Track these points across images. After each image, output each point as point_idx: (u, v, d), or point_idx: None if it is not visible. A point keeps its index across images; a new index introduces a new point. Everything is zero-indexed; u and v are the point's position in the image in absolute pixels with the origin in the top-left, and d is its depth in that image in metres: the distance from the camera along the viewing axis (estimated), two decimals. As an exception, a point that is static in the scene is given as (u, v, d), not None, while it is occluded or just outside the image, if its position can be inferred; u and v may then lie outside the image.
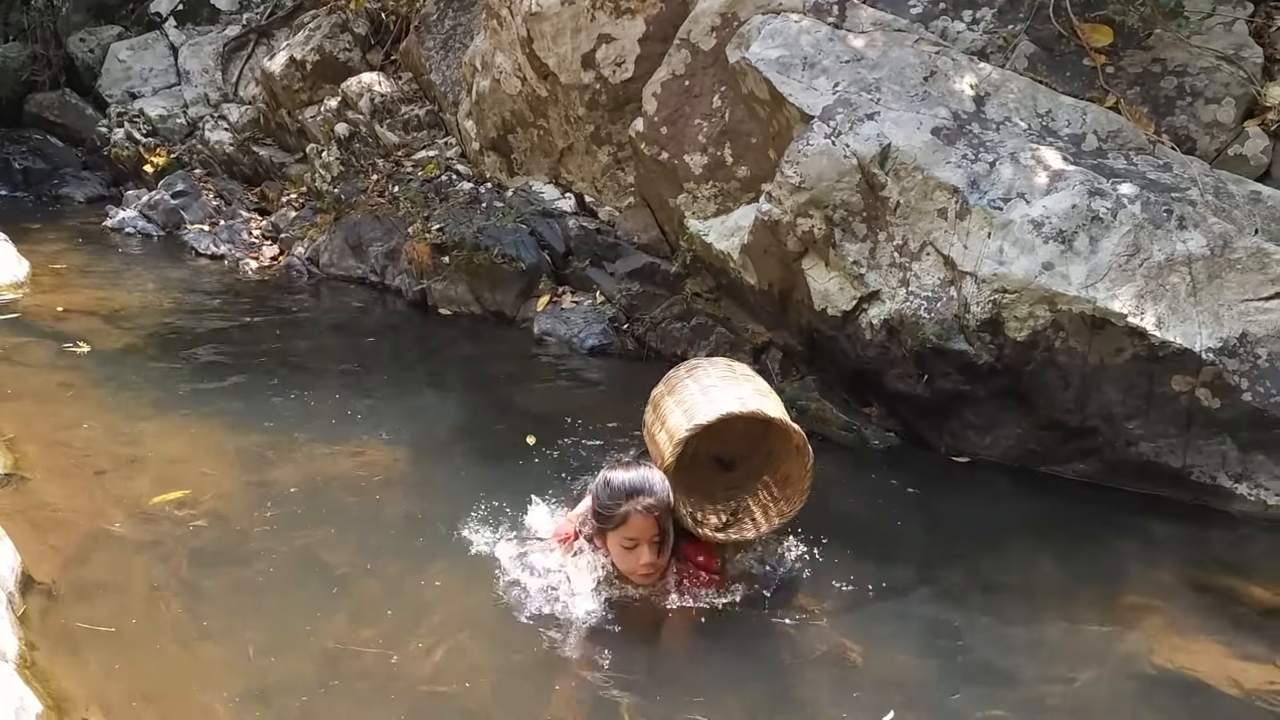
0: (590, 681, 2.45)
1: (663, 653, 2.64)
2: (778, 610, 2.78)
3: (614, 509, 2.60)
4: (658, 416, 2.92)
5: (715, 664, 2.56)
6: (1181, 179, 3.74)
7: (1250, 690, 2.49)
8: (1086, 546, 3.26)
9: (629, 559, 2.65)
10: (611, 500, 2.61)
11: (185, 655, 2.46)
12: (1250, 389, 3.30)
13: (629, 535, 2.62)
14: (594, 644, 2.57)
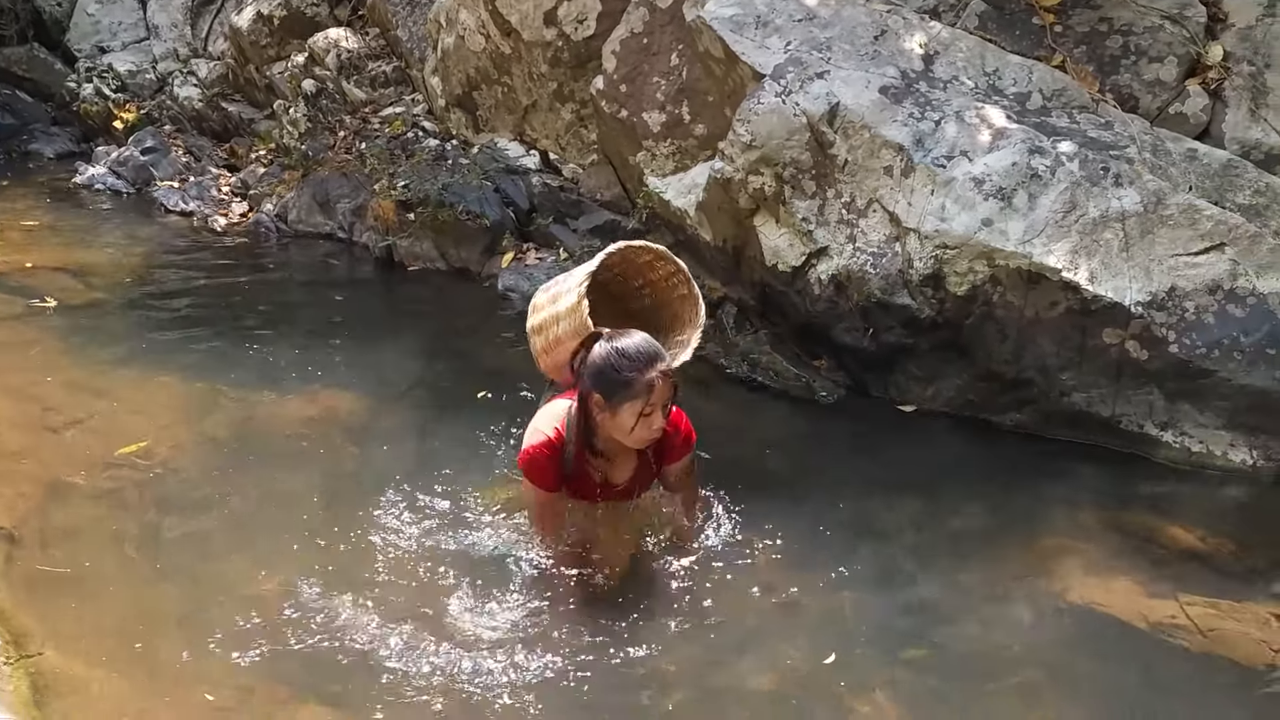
0: (538, 626, 2.55)
1: (611, 601, 2.71)
2: (723, 555, 2.89)
3: (637, 378, 2.57)
4: (546, 320, 3.06)
5: (663, 610, 2.65)
6: (1121, 137, 3.83)
7: (1154, 623, 2.64)
8: (1018, 492, 3.39)
9: (641, 426, 2.62)
10: (633, 370, 2.58)
11: (140, 596, 2.58)
12: (1177, 341, 3.43)
13: (650, 402, 2.59)
14: (541, 591, 2.67)
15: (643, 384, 2.57)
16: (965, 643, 2.64)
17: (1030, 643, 2.65)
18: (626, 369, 2.58)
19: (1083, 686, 2.48)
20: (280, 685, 2.27)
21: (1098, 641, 2.63)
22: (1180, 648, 2.56)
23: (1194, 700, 2.41)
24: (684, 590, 2.73)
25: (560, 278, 3.22)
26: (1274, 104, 3.91)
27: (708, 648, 2.53)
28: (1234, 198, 3.69)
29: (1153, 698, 2.43)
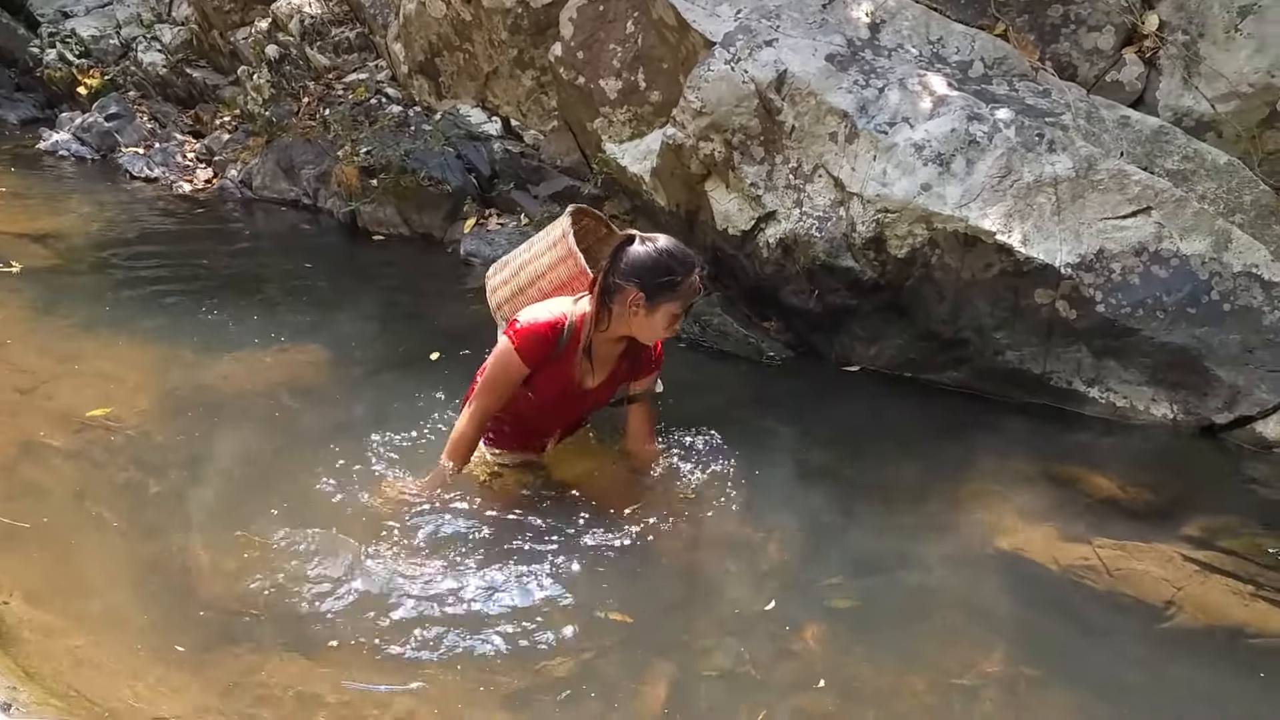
0: (498, 579, 2.65)
1: (557, 549, 2.78)
2: (670, 508, 3.00)
3: (685, 280, 2.65)
4: (526, 279, 3.10)
5: (610, 560, 2.73)
6: (1058, 104, 3.96)
7: (1067, 566, 2.79)
8: (951, 446, 3.54)
9: (667, 326, 2.72)
10: (681, 271, 2.65)
11: (106, 551, 2.67)
12: (1104, 301, 3.58)
13: (687, 301, 2.70)
14: (498, 544, 2.76)
15: (688, 285, 2.67)
16: (895, 587, 2.77)
17: (954, 587, 2.78)
18: (677, 270, 2.65)
19: (1000, 627, 2.61)
20: (245, 638, 2.36)
21: (1016, 584, 2.76)
22: (1090, 588, 2.71)
23: (1099, 635, 2.56)
24: (632, 540, 2.82)
25: (515, 250, 3.27)
26: (1206, 72, 4.03)
27: (652, 595, 2.64)
28: (1163, 163, 3.83)
29: (1063, 634, 2.57)
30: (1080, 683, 2.35)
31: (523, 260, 3.13)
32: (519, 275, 3.12)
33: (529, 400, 2.87)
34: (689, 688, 2.28)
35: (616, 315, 2.73)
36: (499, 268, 3.25)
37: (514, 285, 3.13)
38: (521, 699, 2.20)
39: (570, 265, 3.01)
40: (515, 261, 3.17)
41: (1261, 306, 3.51)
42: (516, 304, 3.09)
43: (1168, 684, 2.36)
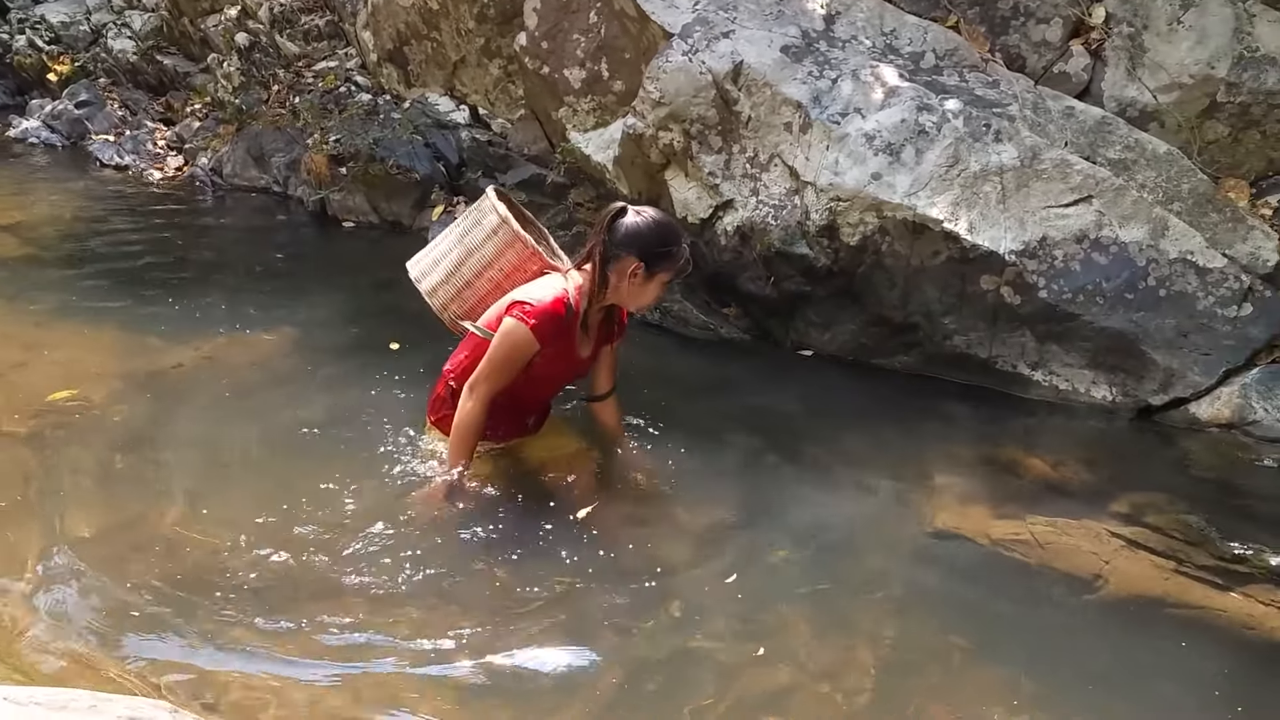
0: (458, 554, 2.75)
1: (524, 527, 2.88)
2: (630, 487, 3.13)
3: (680, 251, 2.80)
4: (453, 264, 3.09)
5: (565, 538, 2.82)
6: (1005, 95, 4.06)
7: (999, 541, 2.91)
8: (899, 428, 3.65)
9: (657, 294, 2.89)
10: (678, 243, 2.81)
11: (62, 528, 2.75)
12: (1046, 287, 3.70)
13: (681, 272, 2.86)
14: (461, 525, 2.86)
15: (683, 256, 2.81)
16: (838, 564, 2.85)
17: (894, 564, 2.88)
18: (673, 241, 2.79)
19: (936, 601, 2.72)
20: (196, 617, 2.45)
21: (953, 561, 2.87)
22: (1023, 563, 2.83)
23: (1029, 608, 2.68)
24: (588, 519, 2.91)
25: (437, 248, 3.21)
26: (1149, 63, 4.15)
27: (603, 567, 2.73)
28: (1105, 153, 3.94)
29: (995, 608, 2.68)
30: (1010, 654, 2.47)
31: (458, 256, 3.09)
32: (460, 270, 3.09)
33: (530, 376, 2.91)
34: (641, 661, 2.37)
35: (612, 285, 2.83)
36: (428, 268, 3.18)
37: (457, 280, 3.10)
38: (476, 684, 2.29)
39: (519, 249, 3.04)
40: (448, 258, 3.12)
41: (1196, 292, 3.63)
42: (466, 298, 3.12)
43: (1092, 654, 2.47)
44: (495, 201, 3.09)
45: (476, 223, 3.12)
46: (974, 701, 2.30)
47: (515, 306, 2.81)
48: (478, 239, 3.11)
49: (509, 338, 2.80)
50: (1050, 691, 2.32)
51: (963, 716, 2.25)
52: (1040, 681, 2.36)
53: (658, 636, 2.48)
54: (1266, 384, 3.51)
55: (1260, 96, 4.00)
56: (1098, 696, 2.30)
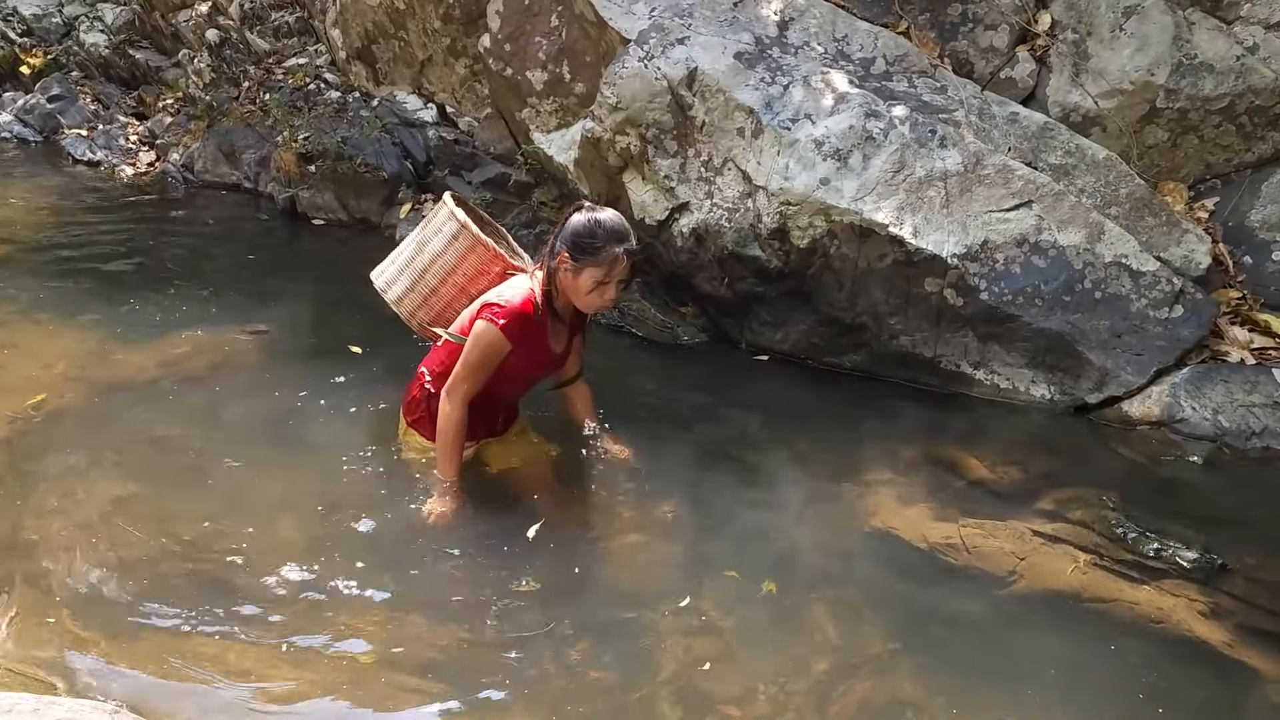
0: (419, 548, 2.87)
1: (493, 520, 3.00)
2: (587, 486, 3.23)
3: (605, 248, 2.83)
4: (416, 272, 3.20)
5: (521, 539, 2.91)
6: (952, 101, 4.18)
7: (931, 544, 3.02)
8: (844, 428, 3.76)
9: (595, 294, 2.90)
10: (605, 240, 2.84)
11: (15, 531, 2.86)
12: (987, 289, 3.82)
13: (610, 274, 2.87)
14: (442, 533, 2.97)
15: (609, 255, 2.85)
16: (775, 563, 2.92)
17: (829, 564, 2.96)
18: (601, 237, 2.84)
19: (867, 601, 2.78)
20: (158, 615, 2.56)
21: (887, 561, 2.96)
22: (951, 564, 2.95)
23: (948, 602, 2.79)
24: (544, 522, 2.99)
25: (400, 256, 3.31)
26: (1092, 70, 4.26)
27: (563, 567, 2.84)
28: (1047, 158, 4.06)
29: (922, 608, 2.76)
30: (932, 653, 2.58)
31: (421, 263, 3.19)
32: (424, 277, 3.18)
33: (503, 374, 2.99)
34: (586, 662, 2.47)
35: (557, 280, 2.92)
36: (392, 277, 3.27)
37: (422, 288, 3.20)
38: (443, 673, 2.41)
39: (480, 253, 3.13)
40: (413, 266, 3.21)
41: (1129, 294, 3.76)
42: (432, 305, 3.22)
43: (1006, 649, 2.59)
44: (453, 208, 3.17)
45: (437, 230, 3.20)
46: (899, 696, 2.41)
47: (486, 309, 2.90)
48: (439, 246, 3.19)
49: (481, 340, 2.88)
50: (968, 685, 2.43)
51: (889, 704, 2.37)
52: (959, 677, 2.47)
53: (602, 636, 2.58)
54: (1195, 383, 3.65)
55: (1198, 102, 4.13)
56: (1011, 688, 2.43)
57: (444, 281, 3.20)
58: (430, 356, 3.16)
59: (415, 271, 3.20)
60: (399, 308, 3.27)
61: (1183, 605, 2.69)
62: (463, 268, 3.18)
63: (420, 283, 3.20)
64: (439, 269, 3.19)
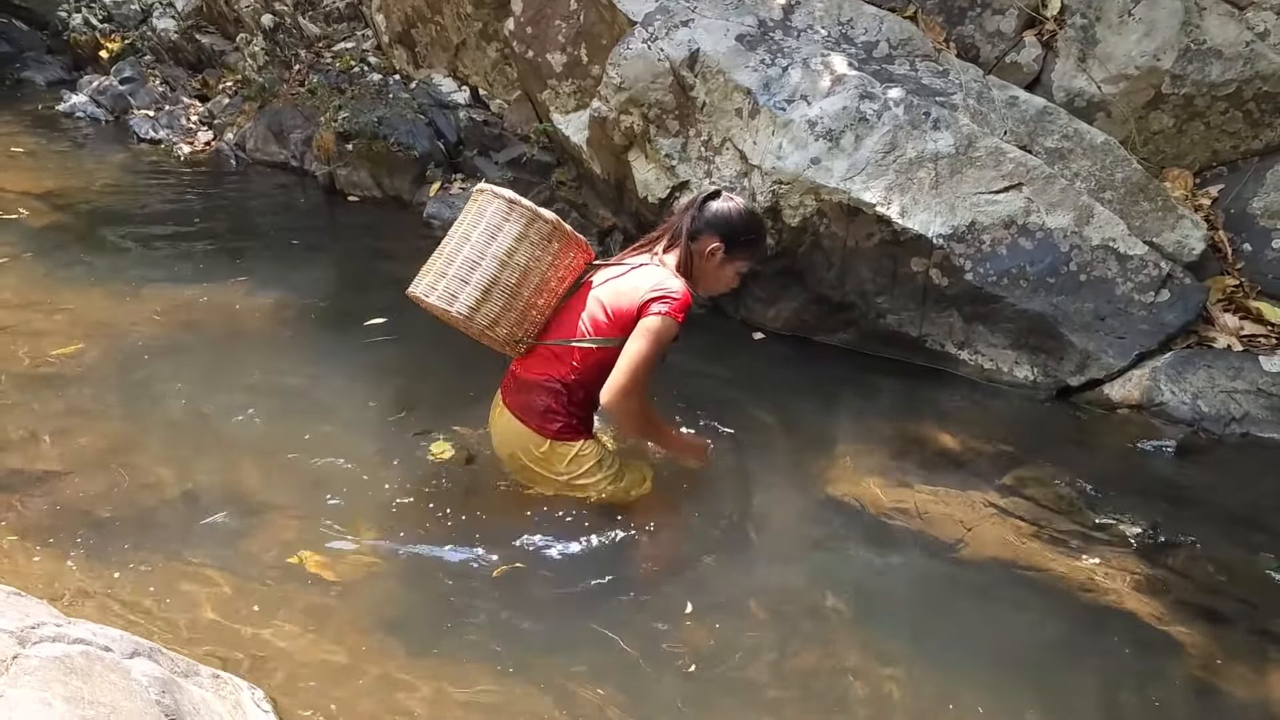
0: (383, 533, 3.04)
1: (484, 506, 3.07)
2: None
3: (761, 241, 2.96)
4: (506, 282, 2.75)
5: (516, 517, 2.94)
6: (951, 84, 4.20)
7: (882, 509, 3.10)
8: (825, 399, 3.85)
9: (731, 280, 2.94)
10: (760, 234, 2.95)
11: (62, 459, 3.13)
12: (972, 270, 3.85)
13: (757, 262, 2.98)
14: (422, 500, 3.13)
15: (763, 248, 2.99)
16: (735, 526, 3.04)
17: (786, 528, 3.06)
18: (757, 230, 2.93)
19: (820, 564, 2.89)
20: (158, 548, 2.79)
21: (843, 526, 3.02)
22: (901, 527, 3.02)
23: (900, 568, 2.86)
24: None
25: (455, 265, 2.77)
26: (1099, 55, 4.24)
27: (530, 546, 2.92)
28: (1043, 141, 4.06)
29: (871, 570, 2.85)
30: (875, 611, 2.66)
31: (513, 278, 2.74)
32: (519, 293, 2.76)
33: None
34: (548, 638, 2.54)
35: (704, 266, 2.87)
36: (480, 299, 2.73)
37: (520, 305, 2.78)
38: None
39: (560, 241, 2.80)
40: (504, 281, 2.74)
41: (1115, 278, 3.75)
42: (530, 318, 2.83)
43: (945, 610, 2.67)
44: (527, 203, 2.78)
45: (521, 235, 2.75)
46: (841, 654, 2.49)
47: (659, 301, 2.68)
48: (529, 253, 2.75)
49: (664, 335, 2.69)
50: (905, 647, 2.50)
51: (833, 667, 2.45)
52: (898, 637, 2.55)
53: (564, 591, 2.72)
54: (1176, 368, 3.63)
55: (1204, 89, 4.09)
56: (941, 647, 2.49)
57: (540, 292, 2.81)
58: (546, 365, 2.85)
59: (508, 288, 2.75)
60: (494, 330, 2.80)
61: (1114, 574, 2.72)
62: (557, 271, 2.82)
63: (516, 299, 2.77)
64: (536, 279, 2.78)
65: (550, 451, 2.86)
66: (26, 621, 1.51)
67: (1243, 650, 2.51)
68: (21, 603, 1.63)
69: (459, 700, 2.24)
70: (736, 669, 2.42)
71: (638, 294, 2.72)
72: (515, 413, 2.88)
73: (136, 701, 1.45)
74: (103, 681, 1.43)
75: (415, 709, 2.19)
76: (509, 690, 2.28)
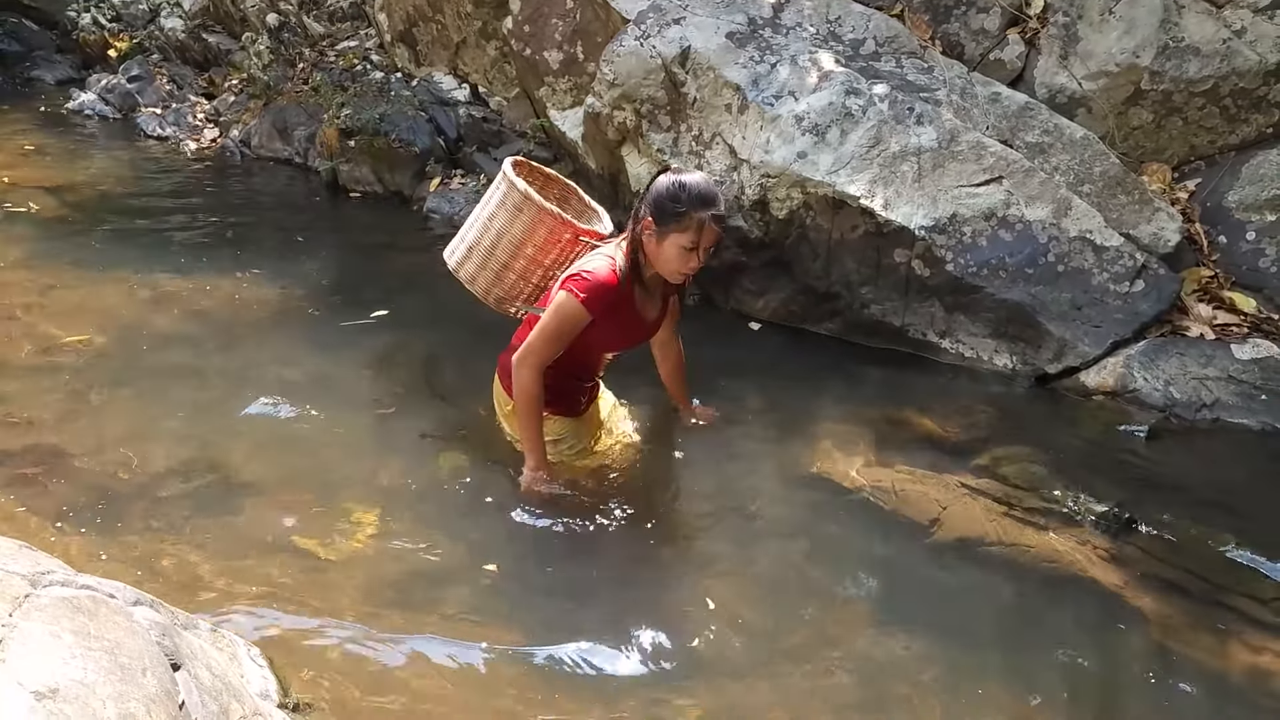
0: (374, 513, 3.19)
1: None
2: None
3: (689, 213, 2.67)
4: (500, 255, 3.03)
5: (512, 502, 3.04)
6: (935, 80, 4.31)
7: (859, 486, 3.21)
8: (810, 384, 3.93)
9: (679, 260, 2.75)
10: (689, 204, 2.67)
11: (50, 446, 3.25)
12: (953, 261, 3.96)
13: (693, 240, 2.70)
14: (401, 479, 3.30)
15: (693, 220, 2.67)
16: (719, 503, 3.16)
17: (768, 504, 3.16)
18: (684, 201, 2.68)
19: (799, 539, 2.99)
20: (156, 522, 2.92)
21: (821, 503, 3.13)
22: (877, 505, 3.13)
23: (876, 542, 2.96)
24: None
25: (469, 230, 3.15)
26: (1080, 52, 4.35)
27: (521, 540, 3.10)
28: (1024, 136, 4.17)
29: (848, 545, 2.96)
30: (853, 582, 2.77)
31: (489, 240, 3.04)
32: (494, 254, 3.04)
33: (588, 343, 2.90)
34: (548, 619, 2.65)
35: (644, 246, 2.80)
36: (464, 257, 3.12)
37: (494, 265, 3.06)
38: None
39: (549, 222, 2.98)
40: (483, 243, 3.06)
41: (1091, 268, 3.86)
42: (506, 280, 3.08)
43: (919, 583, 2.78)
44: (514, 177, 3.00)
45: (500, 203, 3.04)
46: (819, 622, 2.61)
47: (569, 280, 2.79)
48: (504, 220, 3.03)
49: (561, 310, 2.78)
50: (878, 615, 2.61)
51: (812, 635, 2.55)
52: (872, 608, 2.66)
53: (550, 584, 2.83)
54: (1150, 356, 3.73)
55: (1182, 85, 4.19)
56: (913, 615, 2.61)
57: (515, 256, 3.03)
58: (522, 332, 3.02)
59: (484, 249, 3.06)
60: (472, 286, 3.14)
61: (1075, 548, 2.83)
62: (533, 240, 3.01)
63: (490, 260, 3.06)
64: (508, 245, 3.03)
65: (513, 412, 3.02)
66: (38, 568, 1.63)
67: (1199, 621, 2.61)
68: (33, 555, 1.75)
69: (449, 673, 2.35)
70: (720, 636, 2.53)
71: (567, 272, 2.85)
72: (498, 371, 3.16)
73: (139, 641, 1.56)
74: (107, 621, 1.55)
75: (408, 682, 2.30)
76: (504, 665, 2.39)
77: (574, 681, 2.35)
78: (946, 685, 2.37)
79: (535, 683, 2.33)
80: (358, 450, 3.31)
